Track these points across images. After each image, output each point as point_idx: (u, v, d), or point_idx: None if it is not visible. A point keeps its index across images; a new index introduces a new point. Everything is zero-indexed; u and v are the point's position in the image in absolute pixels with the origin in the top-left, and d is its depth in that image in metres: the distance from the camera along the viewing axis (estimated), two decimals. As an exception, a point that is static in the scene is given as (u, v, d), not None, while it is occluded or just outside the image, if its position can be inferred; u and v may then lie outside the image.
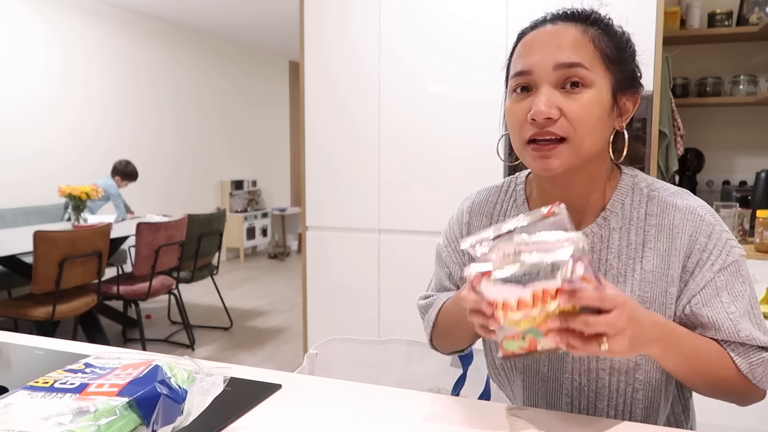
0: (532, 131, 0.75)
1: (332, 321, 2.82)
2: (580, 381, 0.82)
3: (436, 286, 0.99)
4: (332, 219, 2.79)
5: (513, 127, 0.78)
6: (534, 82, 0.76)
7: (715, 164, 2.99)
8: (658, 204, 0.80)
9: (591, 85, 0.74)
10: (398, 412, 0.77)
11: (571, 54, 0.74)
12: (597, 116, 0.75)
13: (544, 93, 0.74)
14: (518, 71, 0.77)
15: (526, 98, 0.76)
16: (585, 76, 0.74)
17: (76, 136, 5.11)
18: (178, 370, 0.67)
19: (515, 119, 0.77)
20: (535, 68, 0.75)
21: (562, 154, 0.74)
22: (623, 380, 0.80)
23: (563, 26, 0.77)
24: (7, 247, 3.07)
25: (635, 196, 0.82)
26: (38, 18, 4.78)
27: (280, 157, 8.18)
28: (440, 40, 2.54)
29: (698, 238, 0.77)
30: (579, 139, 0.74)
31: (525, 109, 0.76)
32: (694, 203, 0.80)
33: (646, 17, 2.28)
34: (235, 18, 5.92)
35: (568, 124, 0.73)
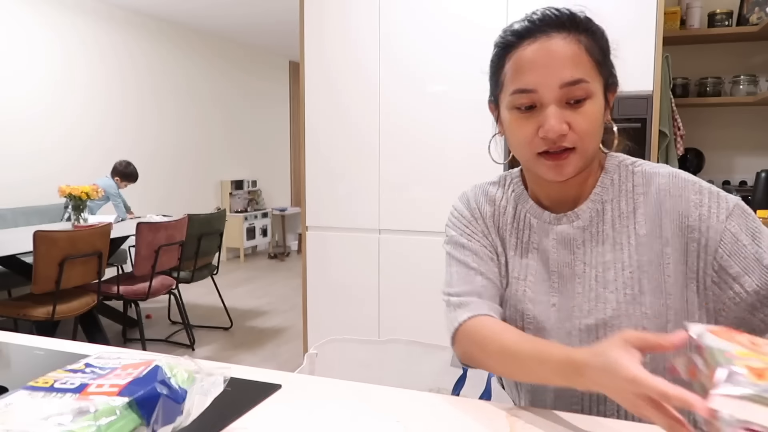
0: (543, 146, 0.79)
1: (332, 321, 2.82)
2: None
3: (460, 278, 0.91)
4: (332, 219, 2.79)
5: (520, 141, 0.82)
6: (539, 100, 0.79)
7: (715, 164, 2.99)
8: (642, 176, 0.85)
9: (592, 96, 0.79)
10: (398, 412, 0.77)
11: (574, 71, 0.77)
12: (599, 122, 0.81)
13: (553, 112, 0.77)
14: (521, 89, 0.79)
15: (531, 116, 0.80)
16: (587, 89, 0.78)
17: (76, 136, 5.11)
18: (178, 370, 0.67)
19: (523, 135, 0.81)
20: (540, 87, 0.78)
21: (573, 161, 0.80)
22: None
23: (559, 39, 0.78)
24: (7, 247, 3.07)
25: (621, 172, 0.87)
26: (38, 18, 4.78)
27: (280, 157, 8.18)
28: (440, 40, 2.54)
29: (688, 196, 0.80)
30: (585, 146, 0.80)
31: (533, 125, 0.79)
32: (674, 170, 0.85)
33: (646, 17, 2.28)
34: (235, 18, 5.92)
35: (576, 136, 0.78)
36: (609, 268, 0.83)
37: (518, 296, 0.89)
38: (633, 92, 2.33)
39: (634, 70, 2.32)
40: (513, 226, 0.92)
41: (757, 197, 2.52)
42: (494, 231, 0.94)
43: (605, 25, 0.87)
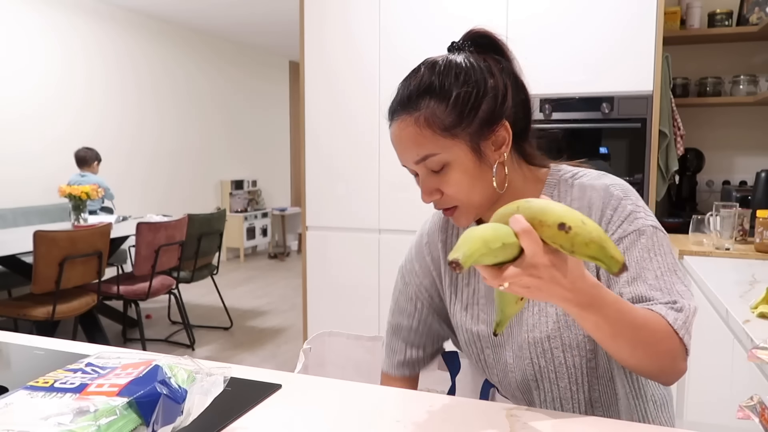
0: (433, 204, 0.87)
1: (332, 321, 2.82)
2: (539, 364, 0.88)
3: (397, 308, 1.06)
4: (332, 219, 2.79)
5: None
6: (412, 172, 0.87)
7: (715, 164, 2.99)
8: (579, 188, 0.87)
9: (448, 163, 0.82)
10: (398, 412, 0.77)
11: (418, 150, 0.82)
12: (468, 183, 0.82)
13: (421, 182, 0.85)
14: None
15: (417, 179, 0.87)
16: (439, 161, 0.81)
17: (76, 136, 5.11)
18: (178, 370, 0.67)
19: (421, 194, 0.88)
20: (404, 164, 0.86)
21: (463, 214, 0.85)
22: (577, 354, 0.85)
23: (400, 123, 0.83)
24: (7, 247, 3.07)
25: (561, 186, 0.89)
26: (38, 18, 4.78)
27: (280, 157, 8.18)
28: (440, 39, 2.53)
29: (605, 211, 0.83)
30: (467, 202, 0.84)
31: (421, 188, 0.87)
32: (608, 181, 0.86)
33: (646, 17, 2.28)
34: (235, 18, 5.92)
35: (450, 198, 0.84)
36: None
37: (473, 320, 0.94)
38: (633, 92, 2.33)
39: (634, 70, 2.32)
40: None
41: (757, 197, 2.51)
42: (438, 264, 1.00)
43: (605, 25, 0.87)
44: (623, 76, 2.34)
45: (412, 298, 1.02)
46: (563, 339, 0.85)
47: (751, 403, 0.65)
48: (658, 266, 0.79)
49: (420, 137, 0.81)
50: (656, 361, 0.74)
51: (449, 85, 0.81)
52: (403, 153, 0.84)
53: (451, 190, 0.82)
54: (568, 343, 0.85)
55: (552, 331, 0.85)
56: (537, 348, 0.87)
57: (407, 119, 0.82)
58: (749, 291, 1.56)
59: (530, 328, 0.87)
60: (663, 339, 0.73)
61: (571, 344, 0.85)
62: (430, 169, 0.82)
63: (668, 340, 0.74)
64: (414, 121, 0.82)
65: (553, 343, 0.86)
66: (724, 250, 2.16)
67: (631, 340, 0.71)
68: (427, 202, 0.85)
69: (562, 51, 2.41)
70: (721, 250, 2.16)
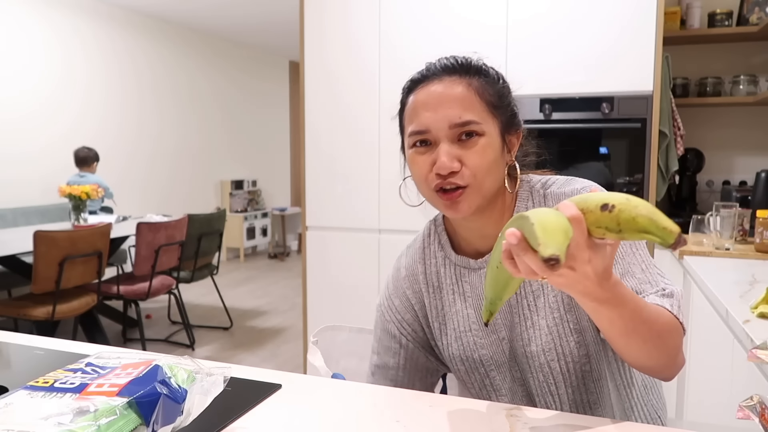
0: (437, 181, 0.82)
1: (332, 321, 2.81)
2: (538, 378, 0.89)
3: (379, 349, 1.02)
4: (332, 219, 2.79)
5: (419, 177, 0.85)
6: (432, 138, 0.83)
7: (715, 164, 2.99)
8: (552, 198, 0.88)
9: (483, 133, 0.82)
10: (398, 412, 0.77)
11: (462, 112, 0.81)
12: (492, 160, 0.82)
13: (444, 149, 0.81)
14: (416, 130, 0.84)
15: (426, 151, 0.83)
16: (477, 129, 0.81)
17: (76, 136, 5.11)
18: (178, 370, 0.67)
19: (420, 171, 0.84)
20: (432, 128, 0.82)
21: (468, 198, 0.82)
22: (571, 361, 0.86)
23: (449, 82, 0.83)
24: (7, 247, 3.07)
25: (534, 198, 0.90)
26: (38, 17, 4.78)
27: (280, 157, 8.18)
28: (441, 39, 2.54)
29: None
30: (480, 183, 0.82)
31: (428, 161, 0.83)
32: (578, 185, 0.87)
33: (646, 17, 2.28)
34: (235, 18, 5.92)
35: (469, 172, 0.81)
36: (538, 296, 0.87)
37: (471, 347, 0.93)
38: (633, 92, 2.33)
39: (634, 70, 2.32)
40: (449, 284, 0.95)
41: (757, 197, 2.51)
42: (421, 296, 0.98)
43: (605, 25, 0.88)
44: (623, 76, 2.34)
45: (395, 336, 0.99)
46: (557, 349, 0.86)
47: (751, 403, 0.65)
48: (642, 260, 0.82)
49: (469, 101, 0.82)
50: (663, 354, 0.74)
51: (494, 74, 0.87)
52: (443, 110, 0.81)
53: (476, 162, 0.81)
54: (562, 352, 0.86)
55: (546, 344, 0.86)
56: (534, 362, 0.87)
57: (459, 80, 0.83)
58: (749, 291, 1.56)
59: (526, 342, 0.88)
60: (670, 330, 0.74)
61: (564, 353, 0.86)
62: (461, 135, 0.81)
63: (673, 330, 0.74)
64: (467, 84, 0.83)
65: (549, 356, 0.86)
66: (724, 250, 2.16)
67: (643, 335, 0.70)
68: (445, 171, 0.80)
69: (562, 51, 2.41)
70: (721, 250, 2.16)
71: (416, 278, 0.98)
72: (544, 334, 0.86)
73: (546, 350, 0.86)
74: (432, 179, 0.83)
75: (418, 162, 0.84)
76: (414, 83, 0.86)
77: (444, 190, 0.82)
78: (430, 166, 0.82)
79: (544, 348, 0.86)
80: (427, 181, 0.83)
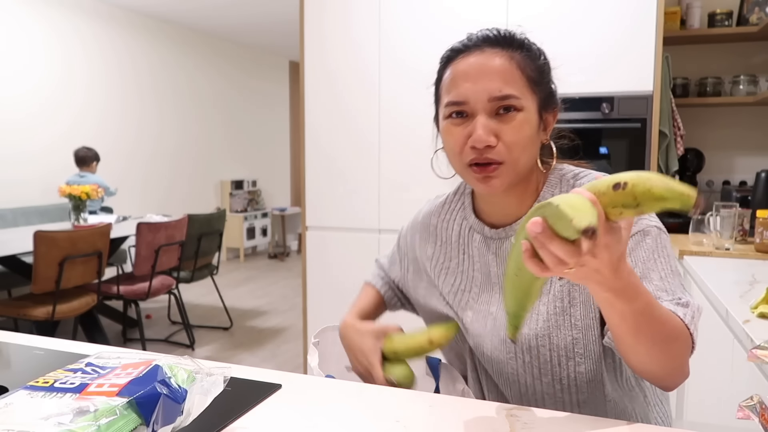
0: (472, 156, 0.81)
1: (332, 321, 2.81)
2: (524, 359, 0.87)
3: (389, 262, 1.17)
4: (332, 219, 2.79)
5: (452, 150, 0.85)
6: (469, 110, 0.81)
7: (715, 164, 2.99)
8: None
9: (521, 109, 0.81)
10: (398, 412, 0.77)
11: (502, 86, 0.80)
12: (528, 137, 0.82)
13: (481, 122, 0.80)
14: (453, 101, 0.82)
15: (462, 123, 0.82)
16: (516, 104, 0.80)
17: (76, 136, 5.11)
18: (178, 370, 0.67)
19: (455, 143, 0.83)
20: (470, 99, 0.81)
21: (501, 174, 0.81)
22: (564, 356, 0.85)
23: (490, 54, 0.82)
24: (7, 247, 3.07)
25: (563, 186, 0.89)
26: (38, 18, 4.78)
27: (280, 157, 8.18)
28: (440, 39, 2.53)
29: None
30: (515, 160, 0.81)
31: (463, 134, 0.82)
32: None
33: (646, 17, 2.28)
34: (235, 18, 5.92)
35: (504, 148, 0.80)
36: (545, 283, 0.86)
37: (461, 305, 0.94)
38: (633, 92, 2.33)
39: (634, 70, 2.32)
40: (459, 242, 0.97)
41: (757, 197, 2.51)
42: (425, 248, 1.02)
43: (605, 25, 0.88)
44: (623, 76, 2.34)
45: (401, 261, 1.10)
46: (551, 339, 0.85)
47: (751, 403, 0.65)
48: (662, 267, 0.79)
49: (510, 75, 0.80)
50: (669, 360, 0.73)
51: (536, 49, 0.86)
52: (483, 83, 0.80)
53: (512, 138, 0.80)
54: (556, 344, 0.85)
55: (541, 330, 0.85)
56: (524, 344, 0.86)
57: (501, 53, 0.81)
58: (749, 291, 1.56)
59: None
60: (678, 337, 0.73)
61: (558, 345, 0.84)
62: (499, 109, 0.80)
63: (682, 338, 0.73)
64: (509, 57, 0.81)
65: (540, 341, 0.85)
66: (724, 250, 2.16)
67: (652, 336, 0.69)
68: (481, 145, 0.79)
69: (562, 51, 2.40)
70: (721, 250, 2.16)
71: (428, 228, 1.02)
72: (541, 320, 0.85)
73: (539, 336, 0.85)
74: (467, 153, 0.81)
75: (453, 133, 0.83)
76: (454, 53, 0.85)
77: (478, 164, 0.81)
78: (465, 139, 0.81)
79: (537, 333, 0.85)
80: (461, 154, 0.82)
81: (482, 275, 0.93)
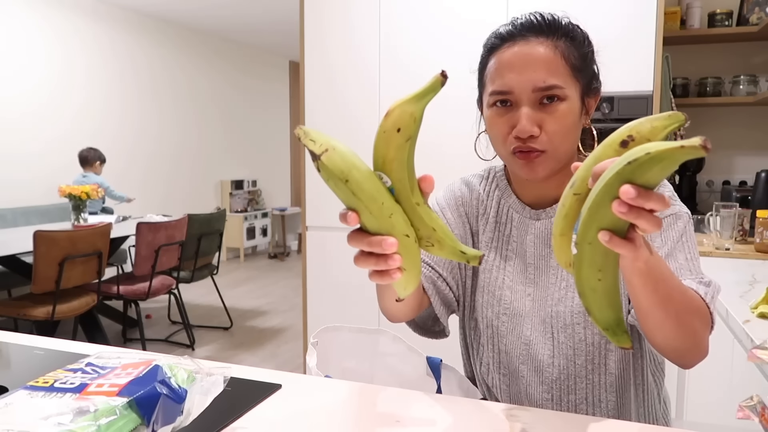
0: (515, 144, 0.83)
1: (332, 321, 2.82)
2: (559, 339, 0.88)
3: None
4: (332, 219, 2.79)
5: (496, 138, 0.86)
6: (514, 100, 0.83)
7: (715, 164, 2.99)
8: None
9: (565, 98, 0.82)
10: (398, 412, 0.77)
11: (546, 77, 0.80)
12: (571, 125, 0.83)
13: (525, 112, 0.81)
14: (498, 90, 0.83)
15: (507, 112, 0.83)
16: (561, 93, 0.81)
17: (76, 136, 5.11)
18: (178, 370, 0.67)
19: (498, 132, 0.85)
20: (514, 89, 0.82)
21: (544, 162, 0.83)
22: (597, 333, 0.86)
23: (535, 43, 0.82)
24: (7, 247, 3.07)
25: None
26: (38, 17, 4.78)
27: (280, 157, 8.18)
28: (440, 39, 2.54)
29: None
30: (556, 148, 0.82)
31: (507, 123, 0.83)
32: None
33: (646, 17, 2.28)
34: (235, 18, 5.92)
35: (547, 138, 0.81)
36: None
37: (497, 283, 0.94)
38: (633, 92, 2.33)
39: (634, 70, 2.32)
40: (495, 219, 0.97)
41: (757, 197, 2.51)
42: (473, 219, 1.00)
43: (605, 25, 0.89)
44: (623, 76, 2.34)
45: None
46: (587, 317, 0.86)
47: (751, 403, 0.65)
48: (689, 250, 0.82)
49: (555, 65, 0.81)
50: (691, 336, 0.72)
51: (580, 34, 0.86)
52: (528, 73, 0.80)
53: (555, 127, 0.81)
54: (591, 322, 0.86)
55: (576, 306, 0.86)
56: (559, 322, 0.88)
57: (546, 42, 0.82)
58: (749, 291, 1.56)
59: (555, 302, 0.88)
60: (698, 312, 0.74)
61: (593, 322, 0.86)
62: (543, 99, 0.80)
63: (703, 314, 0.75)
64: (554, 46, 0.82)
65: (576, 319, 0.87)
66: (724, 250, 2.16)
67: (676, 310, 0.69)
68: (525, 135, 0.80)
69: (562, 51, 2.41)
70: (721, 250, 2.16)
71: (468, 201, 1.01)
72: (577, 297, 0.85)
73: (575, 313, 0.86)
74: (511, 141, 0.83)
75: (497, 123, 0.84)
76: (498, 40, 0.85)
77: (521, 151, 0.83)
78: (510, 128, 0.82)
79: (573, 310, 0.86)
80: (505, 142, 0.84)
81: (517, 255, 0.94)
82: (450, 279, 0.99)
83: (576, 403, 0.90)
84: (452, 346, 1.11)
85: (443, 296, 0.99)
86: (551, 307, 0.88)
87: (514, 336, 0.92)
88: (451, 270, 0.99)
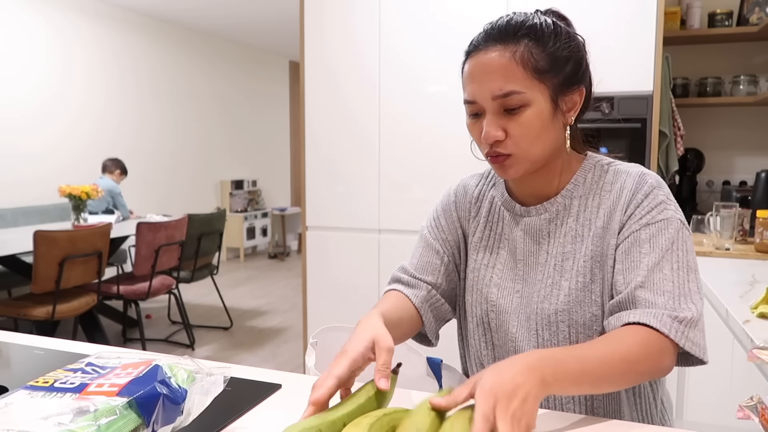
0: (486, 149, 0.86)
1: (332, 321, 2.82)
2: (543, 336, 0.89)
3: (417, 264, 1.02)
4: (332, 219, 2.79)
5: (476, 143, 0.90)
6: (479, 109, 0.85)
7: (715, 164, 2.99)
8: (613, 174, 0.90)
9: (528, 104, 0.82)
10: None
11: (503, 84, 0.81)
12: (538, 129, 0.83)
13: (488, 120, 0.83)
14: (466, 99, 0.86)
15: (478, 120, 0.86)
16: (520, 99, 0.81)
17: (76, 136, 5.11)
18: (178, 370, 0.67)
19: (475, 137, 0.89)
20: (477, 98, 0.84)
21: (514, 165, 0.85)
22: (582, 332, 0.86)
23: (493, 52, 0.83)
24: (7, 246, 3.07)
25: (596, 171, 0.92)
26: (38, 17, 4.78)
27: (280, 157, 8.18)
28: (440, 39, 2.54)
29: (636, 195, 0.84)
30: (525, 151, 0.84)
31: (478, 129, 0.86)
32: (645, 171, 0.88)
33: (646, 17, 2.28)
34: (235, 18, 5.92)
35: (512, 142, 0.83)
36: (568, 258, 0.88)
37: (485, 282, 0.95)
38: (633, 92, 2.33)
39: (634, 70, 2.32)
40: (486, 219, 0.99)
41: (757, 197, 2.51)
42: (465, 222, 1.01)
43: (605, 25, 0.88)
44: (623, 76, 2.34)
45: (439, 252, 1.00)
46: (572, 315, 0.86)
47: (751, 403, 0.65)
48: (677, 259, 0.80)
49: (511, 72, 0.81)
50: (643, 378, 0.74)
51: (549, 33, 0.85)
52: (486, 83, 0.82)
53: (520, 132, 0.82)
54: (575, 320, 0.86)
55: (561, 305, 0.86)
56: (543, 319, 0.88)
57: (503, 51, 0.82)
58: (749, 291, 1.56)
59: (541, 299, 0.88)
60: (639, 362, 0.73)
61: (578, 321, 0.86)
62: (505, 107, 0.82)
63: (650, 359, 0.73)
64: (511, 54, 0.82)
65: (560, 317, 0.87)
66: (724, 250, 2.16)
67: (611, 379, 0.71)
68: (489, 141, 0.83)
69: (562, 51, 2.41)
70: (721, 250, 2.16)
71: (461, 204, 1.02)
72: (562, 295, 0.86)
73: (560, 311, 0.86)
74: (483, 146, 0.87)
75: (472, 129, 0.88)
76: (471, 47, 0.88)
77: (491, 155, 0.86)
78: (480, 133, 0.86)
79: (558, 309, 0.87)
80: (480, 146, 0.88)
81: (508, 252, 0.95)
82: (446, 286, 1.00)
83: (563, 402, 0.89)
84: (452, 346, 1.11)
85: (437, 312, 1.00)
86: (536, 304, 0.89)
87: (502, 333, 0.93)
88: (447, 275, 1.00)
